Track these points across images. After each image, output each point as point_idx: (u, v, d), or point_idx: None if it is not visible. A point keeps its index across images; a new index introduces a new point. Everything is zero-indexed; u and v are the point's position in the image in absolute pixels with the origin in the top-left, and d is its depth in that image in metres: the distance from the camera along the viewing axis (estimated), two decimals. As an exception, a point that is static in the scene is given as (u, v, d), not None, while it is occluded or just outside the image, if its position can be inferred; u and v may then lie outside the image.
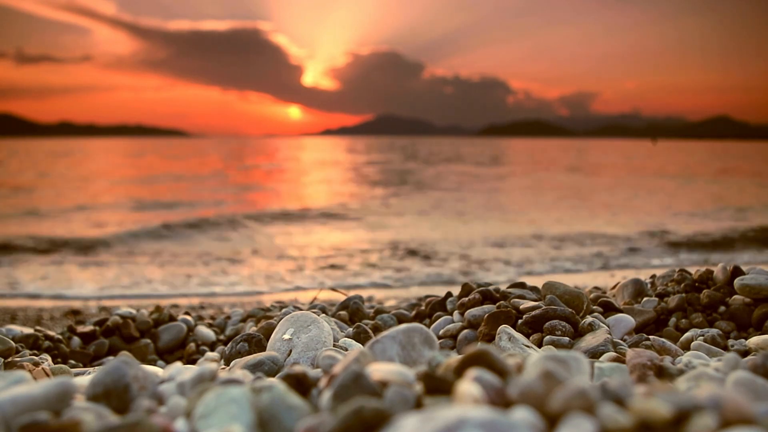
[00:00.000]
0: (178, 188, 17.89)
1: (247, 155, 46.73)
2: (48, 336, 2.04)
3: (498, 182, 20.77)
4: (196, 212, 12.14)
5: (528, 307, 1.64)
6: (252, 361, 1.28)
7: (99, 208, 13.18)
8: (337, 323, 1.80)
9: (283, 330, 1.48)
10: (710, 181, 21.94)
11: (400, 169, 28.02)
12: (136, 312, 2.26)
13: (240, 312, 2.41)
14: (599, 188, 19.00)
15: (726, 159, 43.95)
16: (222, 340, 2.22)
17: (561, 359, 0.79)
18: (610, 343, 1.43)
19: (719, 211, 12.86)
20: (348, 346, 1.50)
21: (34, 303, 5.12)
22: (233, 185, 19.48)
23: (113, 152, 53.71)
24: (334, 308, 2.07)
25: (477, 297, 1.79)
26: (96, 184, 19.06)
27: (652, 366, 1.10)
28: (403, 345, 1.04)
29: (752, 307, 1.77)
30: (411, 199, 15.32)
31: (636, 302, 1.98)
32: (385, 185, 18.94)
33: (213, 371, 0.88)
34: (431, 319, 1.92)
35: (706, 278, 1.96)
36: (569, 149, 70.71)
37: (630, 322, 1.69)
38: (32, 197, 15.16)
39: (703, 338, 1.65)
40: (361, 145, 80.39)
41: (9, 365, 1.60)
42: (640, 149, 77.17)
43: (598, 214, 12.37)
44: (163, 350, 2.17)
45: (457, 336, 1.72)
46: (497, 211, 12.85)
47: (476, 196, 15.86)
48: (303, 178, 23.91)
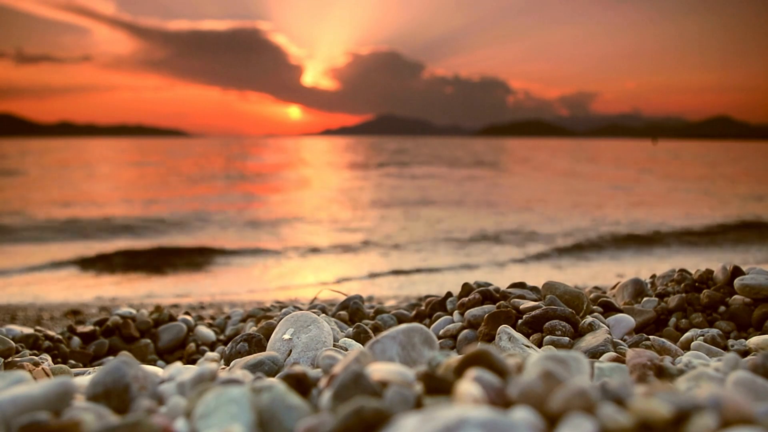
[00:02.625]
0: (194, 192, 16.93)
1: (264, 157, 44.14)
2: (48, 336, 2.04)
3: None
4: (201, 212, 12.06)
5: (528, 307, 1.64)
6: (252, 361, 1.28)
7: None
8: (337, 323, 1.80)
9: (283, 330, 1.48)
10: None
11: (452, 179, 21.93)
12: (136, 312, 2.26)
13: (240, 312, 2.41)
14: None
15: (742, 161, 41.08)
16: (222, 340, 2.22)
17: (561, 359, 0.79)
18: (610, 343, 1.43)
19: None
20: (348, 346, 1.50)
21: (34, 303, 5.11)
22: (242, 190, 18.06)
23: (113, 152, 53.57)
24: (334, 308, 2.07)
25: (477, 297, 1.79)
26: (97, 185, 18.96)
27: (652, 366, 1.10)
28: (403, 345, 1.04)
29: (752, 307, 1.77)
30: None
31: (636, 302, 1.98)
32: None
33: (213, 371, 0.88)
34: (431, 319, 1.92)
35: (706, 278, 1.96)
36: (583, 150, 68.66)
37: (630, 322, 1.69)
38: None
39: (703, 338, 1.65)
40: (366, 146, 76.27)
41: (9, 365, 1.60)
42: (641, 149, 76.53)
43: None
44: (163, 350, 2.17)
45: (457, 336, 1.72)
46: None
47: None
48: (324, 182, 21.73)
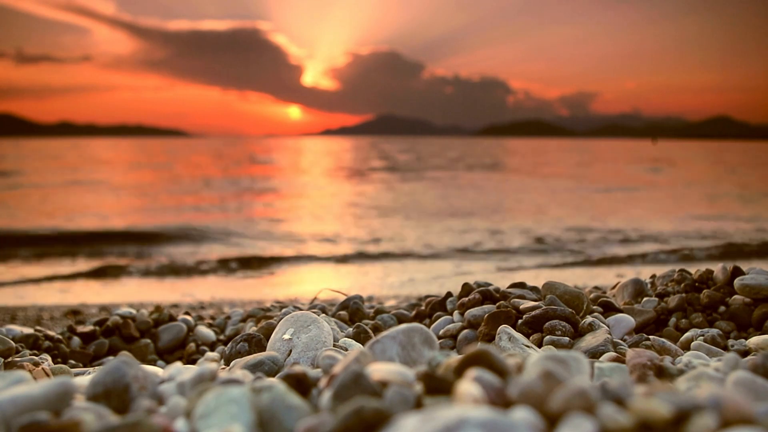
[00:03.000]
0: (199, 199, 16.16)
1: (265, 158, 42.69)
2: (48, 336, 2.04)
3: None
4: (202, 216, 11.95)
5: (528, 307, 1.64)
6: (252, 361, 1.28)
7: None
8: (337, 323, 1.80)
9: (283, 330, 1.48)
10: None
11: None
12: (136, 312, 2.26)
13: (240, 312, 2.41)
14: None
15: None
16: (222, 340, 2.22)
17: (561, 359, 0.79)
18: (610, 343, 1.43)
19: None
20: (348, 346, 1.50)
21: (34, 303, 5.11)
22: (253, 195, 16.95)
23: (113, 152, 53.41)
24: (334, 308, 2.07)
25: (477, 297, 1.79)
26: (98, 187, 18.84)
27: (652, 366, 1.10)
28: (403, 345, 1.04)
29: (752, 307, 1.77)
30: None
31: (636, 302, 1.98)
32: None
33: (213, 371, 0.88)
34: (431, 319, 1.92)
35: (706, 278, 1.96)
36: (586, 150, 67.18)
37: (630, 322, 1.69)
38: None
39: (703, 338, 1.65)
40: (367, 147, 73.32)
41: (9, 365, 1.60)
42: (642, 149, 76.12)
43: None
44: (163, 350, 2.17)
45: (457, 336, 1.72)
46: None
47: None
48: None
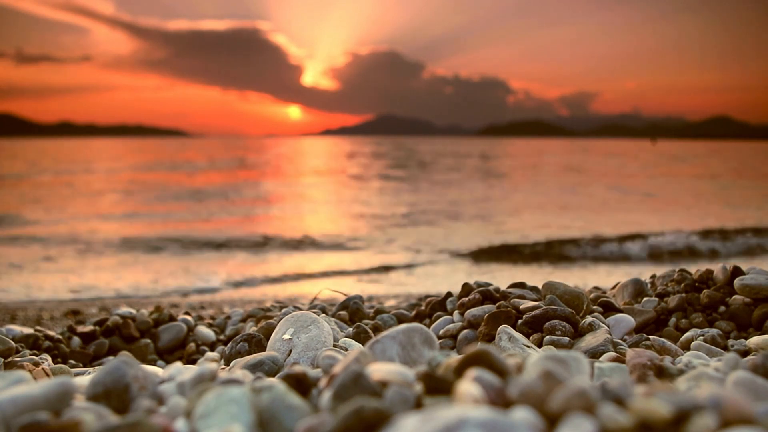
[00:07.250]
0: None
1: (266, 159, 41.65)
2: (48, 336, 2.04)
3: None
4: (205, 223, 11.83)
5: (528, 307, 1.64)
6: (252, 361, 1.28)
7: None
8: (337, 323, 1.80)
9: (283, 330, 1.48)
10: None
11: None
12: (136, 312, 2.26)
13: (240, 312, 2.41)
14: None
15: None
16: (222, 340, 2.22)
17: (561, 359, 0.79)
18: (610, 343, 1.43)
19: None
20: (348, 346, 1.50)
21: (34, 303, 5.12)
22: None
23: (112, 151, 53.30)
24: (334, 308, 2.07)
25: (477, 297, 1.79)
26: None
27: (652, 366, 1.10)
28: (403, 345, 1.04)
29: (752, 307, 1.77)
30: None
31: (636, 302, 1.98)
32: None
33: (213, 371, 0.88)
34: (431, 319, 1.92)
35: (706, 278, 1.96)
36: (587, 150, 66.65)
37: (630, 322, 1.69)
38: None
39: (703, 338, 1.65)
40: (368, 147, 71.38)
41: (9, 365, 1.60)
42: (642, 149, 75.90)
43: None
44: (163, 350, 2.17)
45: (457, 336, 1.72)
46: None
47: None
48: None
